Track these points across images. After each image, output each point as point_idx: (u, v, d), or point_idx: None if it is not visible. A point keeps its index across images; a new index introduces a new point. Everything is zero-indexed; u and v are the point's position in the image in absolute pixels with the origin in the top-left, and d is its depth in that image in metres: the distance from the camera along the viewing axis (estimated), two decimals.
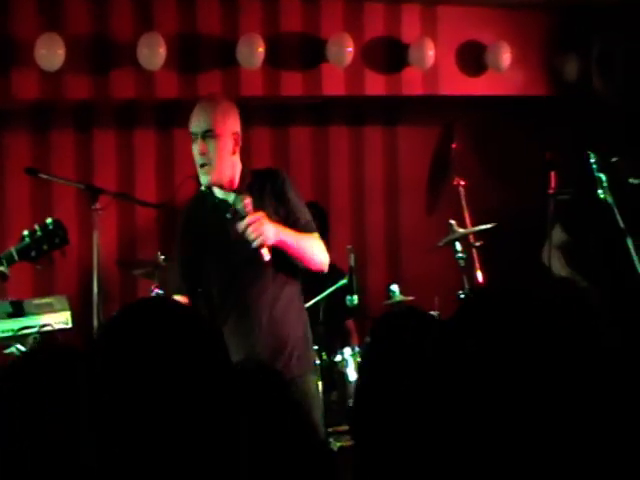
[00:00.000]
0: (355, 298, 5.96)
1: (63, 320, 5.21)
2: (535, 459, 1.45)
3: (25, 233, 4.26)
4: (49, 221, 4.29)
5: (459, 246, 6.22)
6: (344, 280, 5.98)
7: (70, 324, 5.23)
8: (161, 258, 5.75)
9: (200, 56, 6.43)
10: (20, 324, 5.04)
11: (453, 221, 6.26)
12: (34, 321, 5.07)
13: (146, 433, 1.62)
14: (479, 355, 1.51)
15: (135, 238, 6.75)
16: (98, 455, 1.66)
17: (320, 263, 4.12)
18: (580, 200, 4.98)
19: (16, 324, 5.03)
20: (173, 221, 4.58)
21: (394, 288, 6.21)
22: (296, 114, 7.16)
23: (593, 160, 4.77)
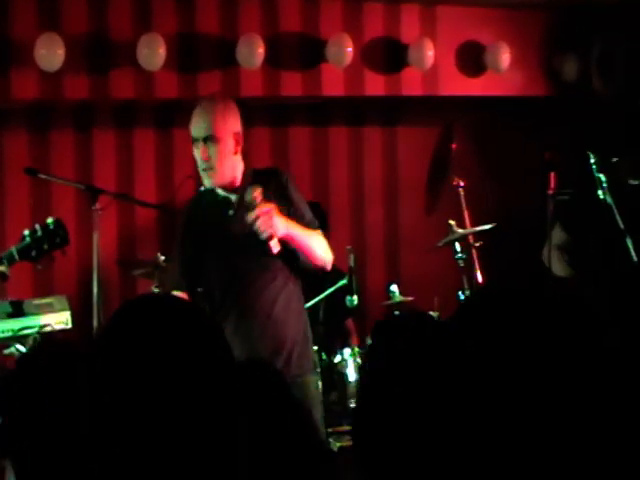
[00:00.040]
0: (355, 298, 5.96)
1: (63, 320, 5.21)
2: (536, 459, 1.46)
3: (26, 233, 4.25)
4: (50, 221, 4.28)
5: (458, 246, 6.22)
6: (344, 280, 5.97)
7: (70, 324, 5.23)
8: (161, 258, 5.75)
9: (200, 56, 6.43)
10: (20, 324, 5.04)
11: (452, 221, 6.26)
12: (34, 321, 5.07)
13: (146, 432, 1.62)
14: (479, 355, 1.51)
15: (135, 238, 6.75)
16: (98, 455, 1.66)
17: (324, 260, 4.12)
18: (580, 200, 4.99)
19: (16, 324, 5.02)
20: (173, 221, 4.58)
21: (394, 288, 6.22)
22: (296, 114, 7.16)
23: (593, 160, 4.77)
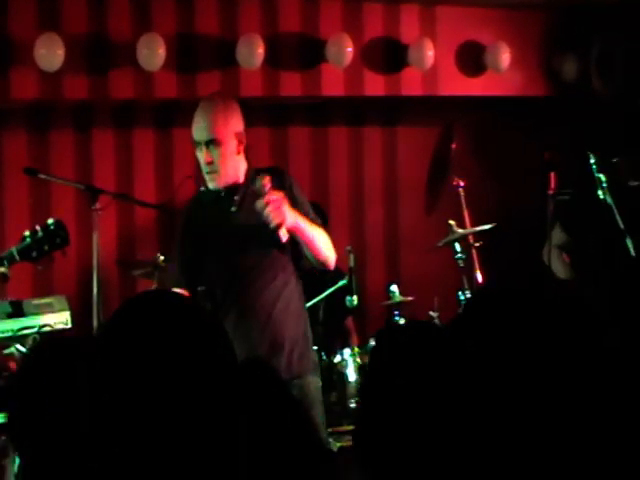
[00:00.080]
0: (355, 298, 5.96)
1: (62, 320, 5.20)
2: (537, 459, 1.45)
3: (26, 233, 4.25)
4: (50, 222, 4.28)
5: (458, 246, 6.22)
6: (344, 280, 5.98)
7: (69, 324, 5.22)
8: (160, 258, 5.75)
9: (199, 56, 6.43)
10: (20, 324, 5.03)
11: (452, 221, 6.26)
12: (33, 321, 5.06)
13: (146, 431, 1.61)
14: (479, 356, 1.51)
15: (134, 238, 6.75)
16: (98, 454, 1.65)
17: (328, 256, 4.11)
18: (580, 200, 4.98)
19: (15, 324, 5.01)
20: (172, 221, 4.57)
21: (393, 288, 6.22)
22: (295, 114, 7.16)
23: (592, 160, 4.77)
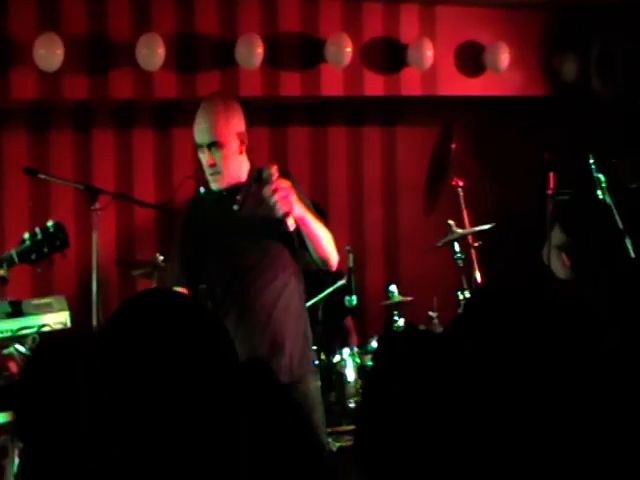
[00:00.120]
0: (354, 298, 5.96)
1: (62, 320, 5.19)
2: (537, 460, 1.45)
3: (26, 236, 4.24)
4: (50, 224, 4.27)
5: (458, 246, 6.22)
6: (343, 280, 5.98)
7: (69, 324, 5.22)
8: (160, 258, 5.75)
9: (199, 56, 6.43)
10: (19, 324, 5.03)
11: (452, 221, 6.26)
12: (33, 321, 5.06)
13: (146, 431, 1.61)
14: (479, 356, 1.51)
15: (134, 238, 6.75)
16: (98, 453, 1.65)
17: (331, 255, 4.09)
18: (579, 200, 4.98)
19: (15, 324, 5.01)
20: (172, 221, 4.57)
21: (393, 288, 6.22)
22: (295, 114, 7.16)
23: (592, 160, 4.76)
